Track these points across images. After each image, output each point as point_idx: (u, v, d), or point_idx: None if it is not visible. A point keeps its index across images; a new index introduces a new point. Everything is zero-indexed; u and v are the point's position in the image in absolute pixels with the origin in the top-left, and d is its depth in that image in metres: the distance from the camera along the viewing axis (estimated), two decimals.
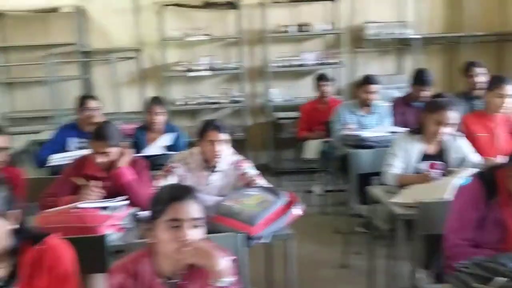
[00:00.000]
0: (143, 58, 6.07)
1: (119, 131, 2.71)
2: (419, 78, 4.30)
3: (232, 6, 5.89)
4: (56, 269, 1.58)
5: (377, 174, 3.87)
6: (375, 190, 2.91)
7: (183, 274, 1.55)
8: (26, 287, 1.57)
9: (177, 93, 6.06)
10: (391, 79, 6.19)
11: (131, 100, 6.10)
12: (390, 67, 6.46)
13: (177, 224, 1.47)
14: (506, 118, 3.37)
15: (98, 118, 3.84)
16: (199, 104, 5.98)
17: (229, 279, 1.45)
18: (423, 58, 6.30)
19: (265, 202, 2.34)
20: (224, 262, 1.46)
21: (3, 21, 5.97)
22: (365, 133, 3.79)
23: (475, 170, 2.37)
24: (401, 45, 6.35)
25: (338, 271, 3.63)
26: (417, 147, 2.95)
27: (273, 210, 2.31)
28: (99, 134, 2.55)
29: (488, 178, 2.04)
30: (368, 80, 4.29)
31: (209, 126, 2.72)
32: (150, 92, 6.14)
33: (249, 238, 2.17)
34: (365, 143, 3.72)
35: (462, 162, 2.92)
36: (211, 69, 5.90)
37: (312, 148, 4.81)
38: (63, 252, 1.63)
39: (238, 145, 5.85)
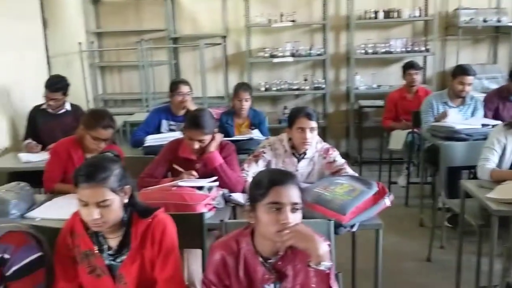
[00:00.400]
0: (229, 44, 6.20)
1: (214, 119, 2.81)
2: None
3: None
4: (163, 242, 1.70)
5: (468, 168, 3.76)
6: (468, 184, 2.80)
7: (281, 255, 1.61)
8: (136, 255, 1.71)
9: (260, 79, 6.14)
10: (484, 69, 5.88)
11: (215, 86, 6.28)
12: (483, 56, 6.13)
13: (278, 207, 1.53)
14: None
15: (189, 103, 4.00)
16: (281, 90, 6.02)
17: (328, 263, 1.49)
18: None
19: (355, 191, 2.34)
20: (324, 246, 1.49)
21: (99, 7, 6.33)
22: (459, 125, 3.63)
23: None
24: (496, 33, 5.99)
25: (422, 264, 3.56)
26: None
27: (363, 200, 2.30)
28: (196, 123, 2.65)
29: None
30: (464, 71, 4.06)
31: (300, 113, 2.74)
32: (234, 78, 6.29)
33: (340, 226, 2.18)
34: (457, 136, 3.57)
35: None
36: (294, 55, 5.90)
37: (398, 139, 4.69)
38: (170, 226, 1.75)
39: (318, 133, 5.85)
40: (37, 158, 3.66)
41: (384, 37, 6.03)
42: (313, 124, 2.74)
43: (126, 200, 1.72)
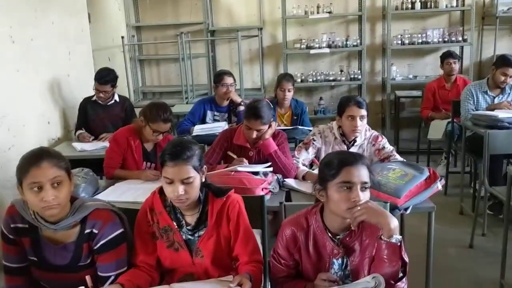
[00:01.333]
0: (265, 36, 6.30)
1: (271, 109, 2.93)
2: None
3: None
4: (240, 219, 1.84)
5: (510, 156, 3.79)
6: None
7: (348, 232, 1.71)
8: (212, 231, 1.85)
9: (296, 70, 6.22)
10: None
11: (251, 77, 6.39)
12: None
13: (349, 185, 1.63)
14: None
15: (233, 94, 4.13)
16: (317, 81, 6.09)
17: (398, 236, 1.59)
18: None
19: (407, 176, 2.43)
20: (395, 221, 1.59)
21: (139, 2, 6.50)
22: (501, 114, 3.66)
23: None
24: None
25: (465, 250, 3.61)
26: None
27: (415, 184, 2.39)
28: (255, 113, 2.78)
29: None
30: (508, 63, 4.06)
31: (350, 102, 2.83)
32: (270, 69, 6.39)
33: (395, 208, 2.28)
34: (500, 124, 3.61)
35: None
36: (330, 46, 5.96)
37: (437, 128, 4.73)
38: (243, 205, 1.88)
39: None
40: (91, 147, 3.85)
41: (420, 27, 6.04)
42: (363, 112, 2.83)
43: (204, 179, 1.85)
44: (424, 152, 5.15)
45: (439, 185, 2.42)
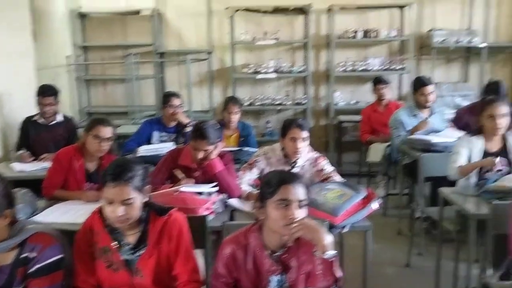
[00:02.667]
0: (214, 60, 6.39)
1: (218, 130, 2.98)
2: (492, 90, 4.31)
3: (301, 11, 6.11)
4: (182, 238, 1.86)
5: (445, 178, 4.00)
6: (446, 192, 3.03)
7: (286, 249, 1.78)
8: (153, 250, 1.86)
9: (244, 94, 6.33)
10: (456, 87, 6.23)
11: (200, 100, 6.44)
12: (456, 75, 6.48)
13: (286, 203, 1.70)
14: None
15: (180, 115, 4.16)
16: (264, 105, 6.23)
17: (332, 252, 1.66)
18: (489, 67, 6.29)
19: (345, 196, 2.53)
20: (329, 237, 1.67)
21: (85, 21, 6.44)
22: (435, 139, 3.88)
23: None
24: (467, 54, 6.36)
25: (402, 270, 3.76)
26: (478, 146, 3.09)
27: (353, 203, 2.49)
28: (202, 134, 2.83)
29: None
30: (423, 82, 4.39)
31: (292, 124, 2.93)
32: (218, 92, 6.47)
33: (332, 227, 2.36)
34: (434, 148, 3.83)
35: None
36: (277, 71, 6.14)
37: (376, 151, 4.93)
38: (185, 223, 1.90)
39: None
40: (30, 167, 3.74)
41: (362, 55, 6.33)
42: (305, 134, 2.94)
43: (146, 199, 1.86)
44: (366, 174, 5.34)
45: (375, 205, 2.54)
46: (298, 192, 1.71)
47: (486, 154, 3.10)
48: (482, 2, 6.14)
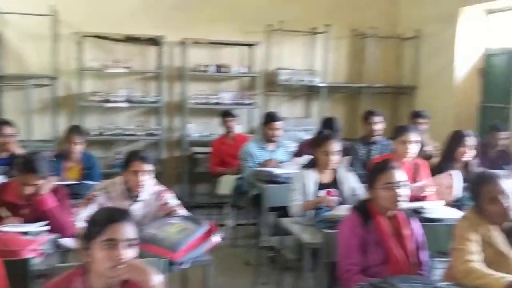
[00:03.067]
0: (59, 86, 5.99)
1: (48, 162, 2.75)
2: (328, 126, 4.73)
3: (154, 42, 6.07)
4: None
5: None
6: (285, 221, 3.17)
7: None
8: None
9: (92, 123, 6.03)
10: (300, 122, 6.67)
11: (42, 128, 5.97)
12: (299, 110, 6.95)
13: (113, 243, 1.61)
14: (411, 164, 3.67)
15: (13, 145, 3.79)
16: (114, 135, 6.00)
17: None
18: (328, 105, 6.88)
19: (187, 230, 2.51)
20: (157, 278, 1.61)
21: None
22: (278, 170, 4.08)
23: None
24: (309, 92, 6.89)
25: None
26: (313, 179, 3.34)
27: (194, 237, 2.47)
28: (30, 167, 2.58)
29: (362, 208, 2.43)
30: (272, 118, 4.68)
31: (135, 157, 2.84)
32: (64, 121, 6.06)
33: (171, 263, 2.31)
34: (276, 179, 4.02)
35: (353, 192, 3.37)
36: (129, 101, 5.97)
37: (226, 183, 5.02)
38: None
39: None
40: None
41: (215, 89, 6.47)
42: (148, 167, 2.86)
43: None
44: (217, 205, 5.39)
45: (216, 238, 2.55)
46: (127, 231, 1.63)
47: (320, 185, 3.35)
48: (322, 46, 6.73)
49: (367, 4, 6.85)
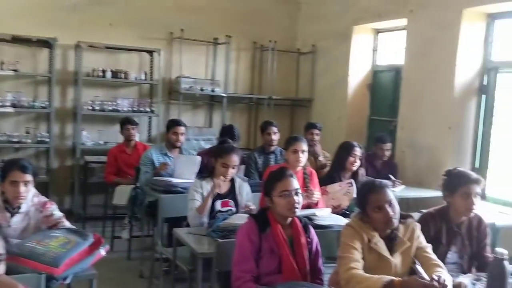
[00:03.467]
0: None
1: None
2: (227, 133, 4.77)
3: (46, 44, 5.72)
4: None
5: (184, 218, 4.15)
6: (179, 232, 3.12)
7: None
8: None
9: None
10: (201, 132, 6.65)
11: None
12: (201, 120, 6.93)
13: None
14: (301, 172, 3.77)
15: None
16: None
17: None
18: (229, 115, 6.94)
19: (70, 243, 2.36)
20: None
21: None
22: (175, 180, 4.01)
23: None
24: (211, 101, 6.90)
25: None
26: (208, 188, 3.32)
27: (78, 251, 2.33)
28: None
29: (260, 216, 2.47)
30: (176, 122, 4.65)
31: (13, 166, 2.63)
32: None
33: (52, 278, 2.15)
34: (174, 189, 3.94)
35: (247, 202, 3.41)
36: (16, 106, 5.55)
37: (122, 193, 4.83)
38: None
39: (41, 189, 5.51)
40: None
41: (112, 95, 6.24)
42: (28, 177, 2.65)
43: None
44: (112, 217, 5.17)
45: (102, 251, 2.43)
46: None
47: (218, 196, 3.34)
48: (223, 56, 6.78)
49: (268, 18, 7.03)
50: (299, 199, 2.50)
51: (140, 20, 6.28)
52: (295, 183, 2.52)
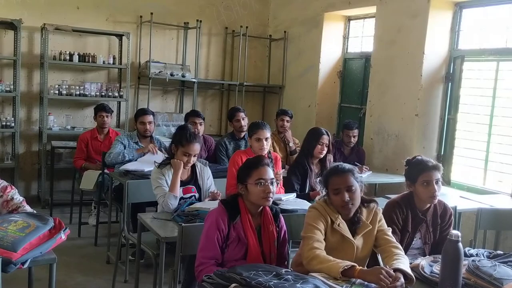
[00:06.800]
0: None
1: None
2: (191, 115, 4.78)
3: (11, 26, 5.55)
4: None
5: (152, 203, 4.13)
6: (144, 217, 3.09)
7: None
8: None
9: None
10: (172, 117, 6.58)
11: None
12: (171, 105, 6.86)
13: None
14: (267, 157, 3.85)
15: None
16: None
17: None
18: (200, 100, 6.89)
19: (29, 227, 2.31)
20: None
21: None
22: (146, 167, 3.96)
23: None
24: (181, 87, 6.83)
25: None
26: (170, 176, 3.29)
27: (37, 235, 2.29)
28: None
29: (231, 204, 2.47)
30: (141, 111, 4.62)
31: None
32: None
33: (9, 263, 2.12)
34: (141, 173, 3.91)
35: (210, 187, 3.45)
36: None
37: (90, 179, 4.78)
38: None
39: (6, 174, 5.42)
40: None
41: (79, 79, 6.12)
42: None
43: None
44: (79, 202, 5.10)
45: (62, 235, 2.39)
46: None
47: (180, 182, 3.32)
48: (194, 41, 6.69)
49: (240, 3, 6.97)
50: (274, 189, 2.50)
51: (109, 3, 6.16)
52: (271, 173, 2.53)
